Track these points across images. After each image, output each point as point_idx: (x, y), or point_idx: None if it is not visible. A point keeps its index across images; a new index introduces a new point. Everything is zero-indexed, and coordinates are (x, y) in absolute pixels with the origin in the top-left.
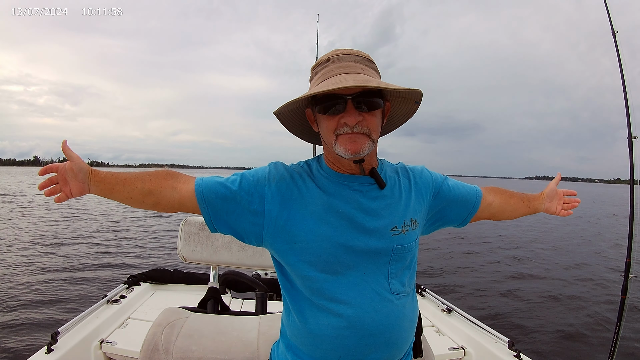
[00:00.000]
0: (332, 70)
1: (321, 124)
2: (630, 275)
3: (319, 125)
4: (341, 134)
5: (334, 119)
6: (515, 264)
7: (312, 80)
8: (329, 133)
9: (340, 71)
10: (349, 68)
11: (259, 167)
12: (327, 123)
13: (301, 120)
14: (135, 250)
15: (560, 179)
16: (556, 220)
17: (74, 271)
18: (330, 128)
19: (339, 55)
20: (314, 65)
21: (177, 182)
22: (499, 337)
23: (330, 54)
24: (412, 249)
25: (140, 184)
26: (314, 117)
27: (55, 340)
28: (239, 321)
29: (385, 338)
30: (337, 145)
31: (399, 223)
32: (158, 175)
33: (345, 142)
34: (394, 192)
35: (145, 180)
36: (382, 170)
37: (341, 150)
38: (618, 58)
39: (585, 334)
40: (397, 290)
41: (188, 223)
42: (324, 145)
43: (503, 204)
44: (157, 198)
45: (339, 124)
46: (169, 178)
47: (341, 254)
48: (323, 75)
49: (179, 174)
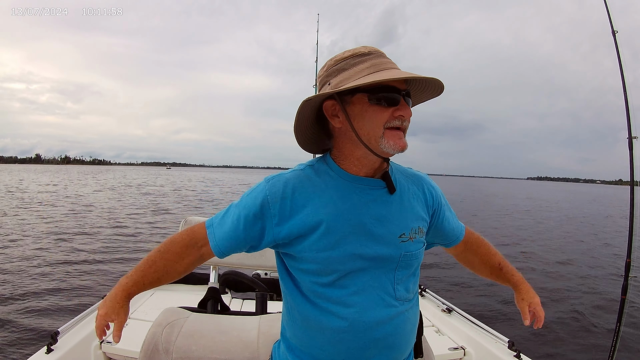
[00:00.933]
0: (384, 63)
1: (366, 115)
2: (630, 275)
3: (359, 118)
4: (391, 127)
5: (388, 110)
6: (515, 264)
7: (347, 70)
8: (378, 125)
9: (390, 65)
10: (394, 64)
11: (252, 192)
12: (380, 114)
13: (310, 118)
14: (135, 250)
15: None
16: (555, 221)
17: (74, 271)
18: (382, 120)
19: (377, 51)
20: (350, 56)
21: (195, 251)
22: (499, 337)
23: (369, 48)
24: (419, 256)
25: (168, 277)
26: (343, 108)
27: (55, 340)
28: (239, 321)
29: (388, 342)
30: (384, 139)
31: (407, 230)
32: (177, 257)
33: (394, 136)
34: (403, 198)
35: (170, 273)
36: (392, 173)
37: (390, 145)
38: (618, 58)
39: (585, 333)
40: (402, 297)
41: (188, 223)
42: (345, 143)
43: (474, 261)
44: (188, 270)
45: (391, 117)
46: (184, 256)
47: (348, 260)
48: (375, 66)
49: (189, 243)
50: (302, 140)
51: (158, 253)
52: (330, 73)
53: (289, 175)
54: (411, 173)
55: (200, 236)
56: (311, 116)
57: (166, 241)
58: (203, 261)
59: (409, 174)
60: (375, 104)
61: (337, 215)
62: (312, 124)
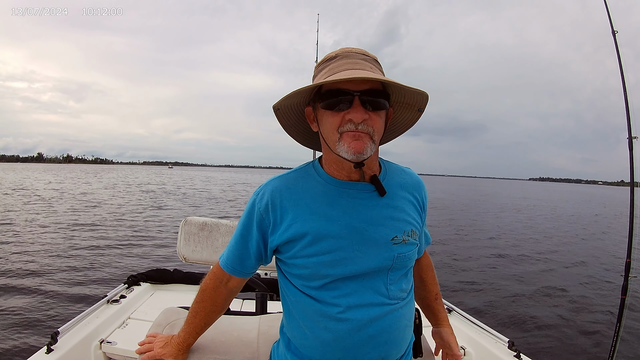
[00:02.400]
0: (341, 65)
1: (323, 121)
2: (630, 275)
3: (321, 123)
4: (345, 131)
5: (339, 115)
6: (515, 264)
7: (317, 77)
8: (332, 130)
9: (349, 67)
10: (357, 64)
11: (246, 209)
12: (331, 119)
13: (299, 120)
14: (135, 250)
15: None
16: (551, 221)
17: (74, 271)
18: (334, 125)
19: (347, 52)
20: (320, 62)
21: (222, 287)
22: (499, 337)
23: (338, 51)
24: (412, 257)
25: (213, 318)
26: (315, 114)
27: (55, 340)
28: (239, 321)
29: (384, 339)
30: (340, 143)
31: (399, 233)
32: (212, 301)
33: (349, 140)
34: (395, 201)
35: (212, 315)
36: (384, 175)
37: (344, 149)
38: (618, 58)
39: (585, 334)
40: (396, 296)
41: (188, 223)
42: (323, 147)
43: (417, 282)
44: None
45: (343, 121)
46: (217, 297)
47: (340, 264)
48: (330, 70)
49: (216, 284)
50: (302, 139)
51: (197, 305)
52: (313, 77)
53: (276, 183)
54: (408, 175)
55: (220, 273)
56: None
57: (199, 292)
58: (236, 292)
59: (405, 176)
60: (326, 109)
61: (326, 220)
62: (308, 126)
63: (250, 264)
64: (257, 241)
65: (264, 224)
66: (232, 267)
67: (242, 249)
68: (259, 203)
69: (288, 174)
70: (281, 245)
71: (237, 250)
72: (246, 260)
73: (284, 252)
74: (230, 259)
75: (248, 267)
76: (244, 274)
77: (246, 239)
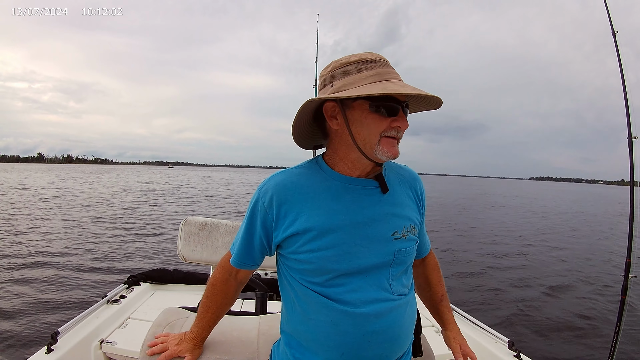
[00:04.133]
0: (388, 73)
1: (363, 122)
2: (630, 275)
3: (356, 124)
4: (387, 136)
5: (386, 120)
6: (515, 264)
7: (351, 75)
8: (374, 133)
9: (395, 77)
10: (398, 75)
11: (250, 203)
12: (378, 123)
13: (306, 118)
14: (135, 250)
15: None
16: (548, 220)
17: (74, 271)
18: (379, 129)
19: (381, 58)
20: (356, 61)
21: (232, 280)
22: (499, 337)
23: (376, 56)
24: (412, 252)
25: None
26: (343, 113)
27: (55, 340)
28: (239, 321)
29: (387, 336)
30: (379, 147)
31: (399, 228)
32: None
33: (389, 145)
34: (395, 197)
35: (222, 307)
36: (385, 172)
37: (383, 152)
38: (618, 58)
39: (585, 334)
40: (398, 292)
41: (188, 223)
42: (340, 145)
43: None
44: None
45: (389, 127)
46: (227, 290)
47: (343, 259)
48: (379, 75)
49: (225, 277)
50: (296, 135)
51: (207, 299)
52: (335, 75)
53: (279, 178)
54: (405, 172)
55: (228, 267)
56: (309, 114)
57: (208, 286)
58: (244, 283)
59: (403, 172)
60: (374, 112)
61: (330, 215)
62: (309, 121)
63: (257, 257)
64: (261, 236)
65: (267, 218)
66: (239, 261)
67: (248, 244)
68: (262, 198)
69: (292, 170)
70: (285, 240)
71: (244, 245)
72: (253, 253)
73: (287, 247)
74: (238, 253)
75: (255, 260)
76: (251, 266)
77: (251, 233)
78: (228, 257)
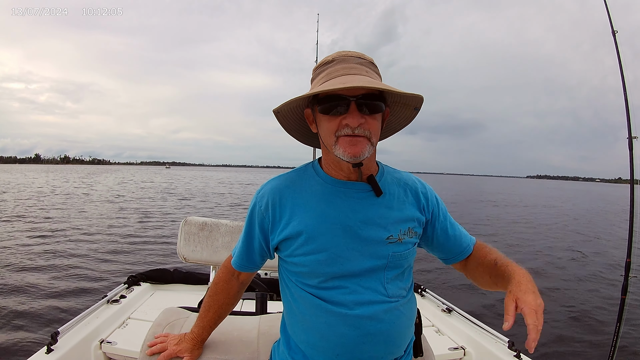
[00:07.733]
0: (337, 70)
1: (321, 124)
2: (630, 275)
3: (319, 126)
4: (342, 135)
5: (336, 119)
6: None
7: (315, 80)
8: (329, 134)
9: (345, 72)
10: (353, 69)
11: (250, 207)
12: (328, 124)
13: (299, 121)
14: (135, 250)
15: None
16: (548, 220)
17: (74, 271)
18: (331, 129)
19: (343, 56)
20: (317, 66)
21: (234, 280)
22: (499, 337)
23: (334, 55)
24: (408, 256)
25: (226, 312)
26: (314, 117)
27: (55, 340)
28: (239, 321)
29: (384, 337)
30: (337, 147)
31: (395, 232)
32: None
33: (345, 144)
34: (391, 201)
35: (224, 307)
36: (381, 176)
37: (341, 152)
38: (618, 57)
39: (585, 334)
40: (394, 294)
41: (188, 223)
42: (322, 148)
43: (476, 272)
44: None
45: (340, 125)
46: (229, 290)
47: (335, 263)
48: (327, 75)
49: (228, 277)
50: (302, 137)
51: (209, 298)
52: (312, 79)
53: (275, 182)
54: (405, 177)
55: (231, 267)
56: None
57: (211, 286)
58: (247, 284)
59: (403, 178)
60: (324, 113)
61: (322, 219)
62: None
63: (257, 260)
64: (260, 239)
65: (265, 222)
66: (240, 264)
67: (248, 247)
68: (259, 202)
69: (288, 174)
70: (281, 243)
71: (244, 248)
72: (253, 257)
73: (284, 250)
74: (238, 256)
75: (255, 263)
76: (251, 269)
77: (251, 237)
78: (231, 258)
